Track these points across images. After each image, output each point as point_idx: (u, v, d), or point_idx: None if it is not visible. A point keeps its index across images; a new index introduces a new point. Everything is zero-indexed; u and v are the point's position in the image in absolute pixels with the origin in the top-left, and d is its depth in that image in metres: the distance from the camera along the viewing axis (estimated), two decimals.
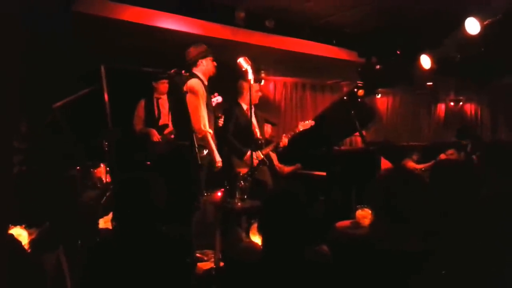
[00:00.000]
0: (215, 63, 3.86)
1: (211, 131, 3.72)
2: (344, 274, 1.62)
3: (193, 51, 3.84)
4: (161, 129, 4.62)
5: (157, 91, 4.77)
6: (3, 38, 1.19)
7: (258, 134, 4.49)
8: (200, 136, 3.65)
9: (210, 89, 3.88)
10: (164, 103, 4.76)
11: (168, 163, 3.90)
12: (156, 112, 4.75)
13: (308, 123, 4.76)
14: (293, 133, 4.67)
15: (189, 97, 3.69)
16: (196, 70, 3.81)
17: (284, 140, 4.63)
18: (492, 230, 1.64)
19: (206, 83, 3.81)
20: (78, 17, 4.20)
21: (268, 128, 5.60)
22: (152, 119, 4.71)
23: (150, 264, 1.87)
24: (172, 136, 4.52)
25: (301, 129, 4.70)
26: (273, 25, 5.42)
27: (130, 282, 1.86)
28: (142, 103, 4.81)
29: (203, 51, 3.83)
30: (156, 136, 4.58)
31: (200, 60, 3.80)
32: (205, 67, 3.83)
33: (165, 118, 4.71)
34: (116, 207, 2.06)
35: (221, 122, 4.17)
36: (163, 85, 4.70)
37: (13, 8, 1.21)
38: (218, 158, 3.77)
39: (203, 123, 3.66)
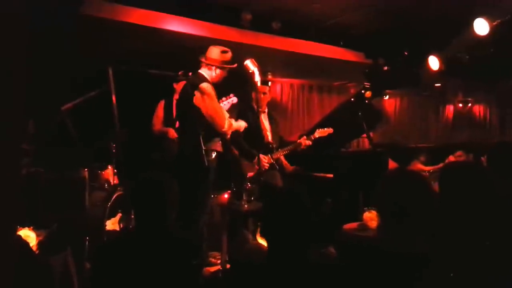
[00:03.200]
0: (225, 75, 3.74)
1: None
2: (351, 276, 1.61)
3: (216, 54, 3.66)
4: (177, 130, 4.63)
5: (177, 93, 4.77)
6: (10, 40, 1.20)
7: (269, 137, 4.46)
8: (228, 137, 3.61)
9: (222, 91, 3.83)
10: None
11: (178, 164, 3.88)
12: (174, 114, 4.75)
13: (326, 131, 4.72)
14: (313, 137, 4.64)
15: (200, 101, 3.57)
16: (204, 71, 3.68)
17: (306, 142, 4.59)
18: (500, 233, 1.62)
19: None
20: (85, 20, 4.23)
21: None
22: (169, 120, 4.72)
23: (157, 266, 1.87)
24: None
25: (317, 136, 4.66)
26: (280, 27, 5.42)
27: (136, 284, 1.86)
28: (161, 103, 4.82)
29: (225, 62, 3.67)
30: (173, 134, 4.58)
31: (216, 67, 3.67)
32: (216, 76, 3.68)
33: None
34: (129, 208, 2.08)
35: None
36: None
37: (20, 10, 1.22)
38: (243, 124, 3.79)
39: (228, 123, 3.59)
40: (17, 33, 1.21)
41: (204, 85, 3.59)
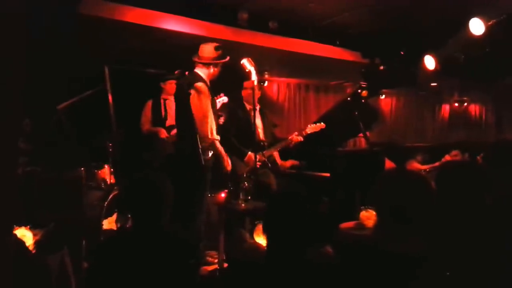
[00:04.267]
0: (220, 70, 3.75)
1: (218, 137, 3.66)
2: (348, 276, 1.62)
3: (209, 51, 3.68)
4: (168, 130, 4.63)
5: (164, 92, 4.77)
6: (8, 39, 1.20)
7: (261, 135, 4.46)
8: (207, 144, 3.59)
9: (214, 90, 3.84)
10: (171, 104, 4.74)
11: (175, 163, 3.88)
12: (163, 113, 4.75)
13: (318, 126, 4.71)
14: (304, 133, 4.63)
15: (196, 100, 3.58)
16: (200, 70, 3.69)
17: (297, 138, 4.59)
18: (497, 232, 1.63)
19: (208, 84, 3.74)
20: (82, 19, 4.21)
21: None
22: (159, 120, 4.72)
23: (154, 265, 1.87)
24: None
25: (308, 132, 4.66)
26: (276, 26, 5.42)
27: (133, 283, 1.86)
28: (149, 103, 4.80)
29: (219, 57, 3.69)
30: (164, 134, 4.58)
31: (212, 65, 3.67)
32: (214, 72, 3.70)
33: (172, 119, 4.69)
34: (124, 207, 2.08)
35: (221, 120, 4.12)
36: (171, 86, 4.69)
37: (18, 9, 1.22)
38: (228, 162, 3.72)
39: (210, 130, 3.58)
40: (14, 33, 1.21)
41: (199, 84, 3.60)
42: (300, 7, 5.03)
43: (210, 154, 3.64)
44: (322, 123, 4.75)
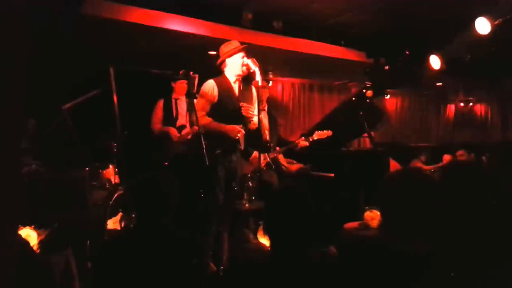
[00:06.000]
0: (244, 61, 3.61)
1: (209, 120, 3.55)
2: (353, 276, 1.61)
3: (224, 49, 3.68)
4: (178, 129, 4.64)
5: (175, 92, 4.78)
6: (11, 39, 1.20)
7: (267, 136, 4.45)
8: (199, 130, 3.48)
9: None
10: (182, 103, 4.77)
11: (185, 163, 3.86)
12: (174, 113, 4.76)
13: (324, 133, 4.71)
14: (311, 139, 4.63)
15: (199, 103, 3.59)
16: (226, 71, 3.66)
17: (304, 143, 4.60)
18: (501, 232, 1.62)
19: (233, 83, 3.65)
20: (86, 19, 4.23)
21: None
22: (170, 120, 4.73)
23: (159, 265, 1.87)
24: (189, 137, 4.53)
25: (315, 138, 4.66)
26: (281, 26, 5.42)
27: (138, 283, 1.86)
28: (160, 103, 4.81)
29: (230, 50, 3.65)
30: (175, 133, 4.59)
31: (226, 59, 3.63)
32: (232, 66, 3.64)
33: (183, 118, 4.72)
34: (129, 207, 2.08)
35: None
36: (181, 86, 4.71)
37: (22, 9, 1.22)
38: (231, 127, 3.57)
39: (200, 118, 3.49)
40: (18, 33, 1.21)
41: (203, 85, 3.61)
42: (304, 7, 5.02)
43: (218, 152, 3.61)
44: (330, 127, 4.74)
